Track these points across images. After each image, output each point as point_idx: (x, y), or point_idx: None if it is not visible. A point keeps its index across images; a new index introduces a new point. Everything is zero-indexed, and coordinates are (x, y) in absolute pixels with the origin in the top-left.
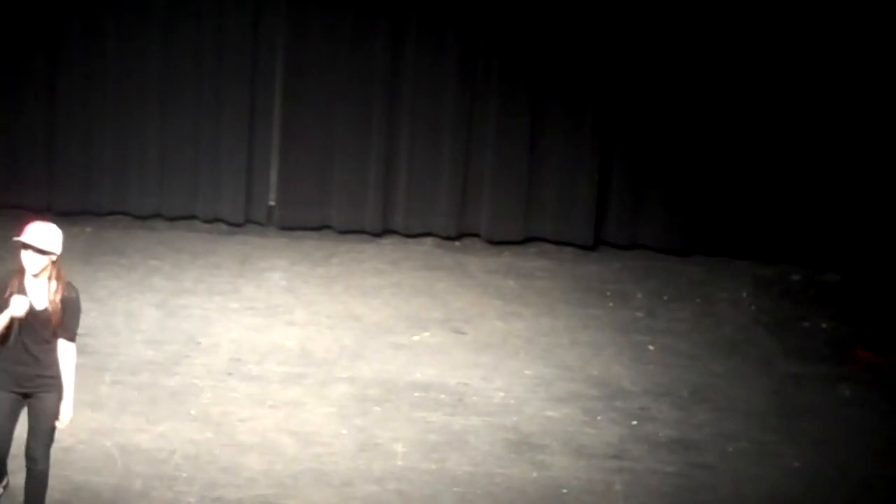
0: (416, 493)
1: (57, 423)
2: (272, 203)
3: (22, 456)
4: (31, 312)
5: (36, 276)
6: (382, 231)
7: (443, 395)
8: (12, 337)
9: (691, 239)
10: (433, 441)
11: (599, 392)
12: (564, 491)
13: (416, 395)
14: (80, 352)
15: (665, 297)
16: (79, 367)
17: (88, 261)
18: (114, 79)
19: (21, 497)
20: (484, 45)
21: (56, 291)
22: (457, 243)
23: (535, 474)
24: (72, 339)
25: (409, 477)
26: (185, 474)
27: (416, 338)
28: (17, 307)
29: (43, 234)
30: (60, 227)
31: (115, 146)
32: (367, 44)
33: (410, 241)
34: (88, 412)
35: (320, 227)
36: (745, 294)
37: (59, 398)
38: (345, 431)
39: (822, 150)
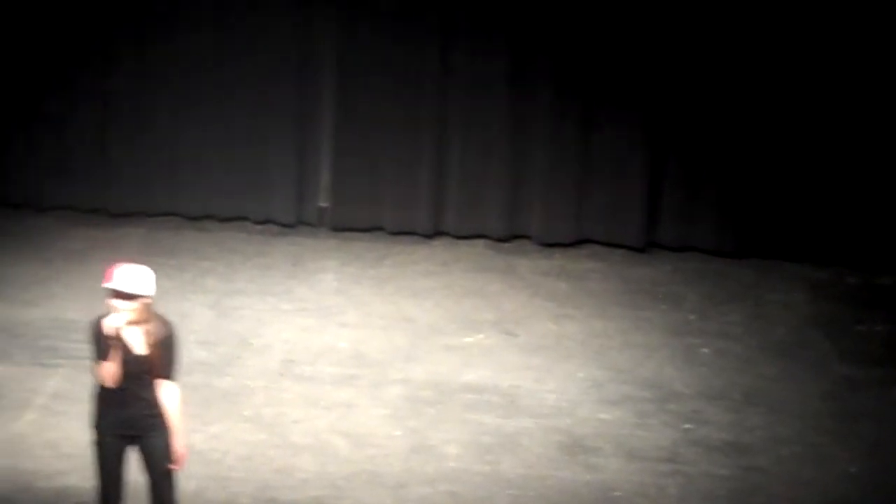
0: (469, 495)
1: (171, 466)
2: (324, 204)
3: None
4: (130, 356)
5: (131, 322)
6: (434, 232)
7: (495, 398)
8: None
9: (744, 241)
10: (486, 443)
11: (652, 395)
12: (617, 494)
13: (468, 396)
14: None
15: (718, 300)
16: None
17: (140, 262)
18: (166, 79)
19: None
20: (535, 45)
21: (150, 333)
22: (508, 245)
23: (587, 477)
24: (169, 377)
25: (462, 479)
26: (238, 475)
27: (468, 339)
28: (110, 326)
29: (131, 278)
30: (113, 228)
31: (167, 147)
32: (417, 44)
33: (462, 242)
34: None
35: (372, 229)
36: (798, 297)
37: (168, 438)
38: (398, 433)
39: (879, 153)
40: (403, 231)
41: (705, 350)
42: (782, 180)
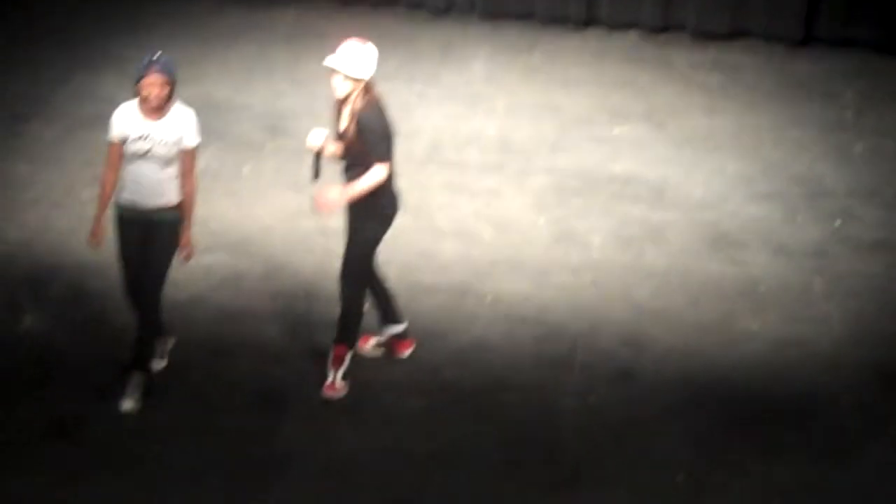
0: (610, 284)
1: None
2: None
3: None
4: (338, 133)
5: (343, 100)
6: (586, 21)
7: (642, 189)
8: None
9: None
10: (630, 234)
11: (802, 190)
12: (761, 288)
13: (614, 187)
14: (282, 133)
15: (876, 97)
16: (280, 149)
17: (291, 44)
18: None
19: None
20: None
21: (355, 114)
22: (662, 36)
23: (731, 270)
24: (379, 157)
25: (605, 268)
26: (382, 257)
27: (616, 131)
28: (312, 139)
29: (348, 57)
30: (266, 10)
31: None
32: None
33: (614, 32)
34: (289, 193)
35: (523, 16)
36: None
37: (364, 221)
38: (542, 221)
39: None
40: (555, 19)
41: (859, 147)
42: None
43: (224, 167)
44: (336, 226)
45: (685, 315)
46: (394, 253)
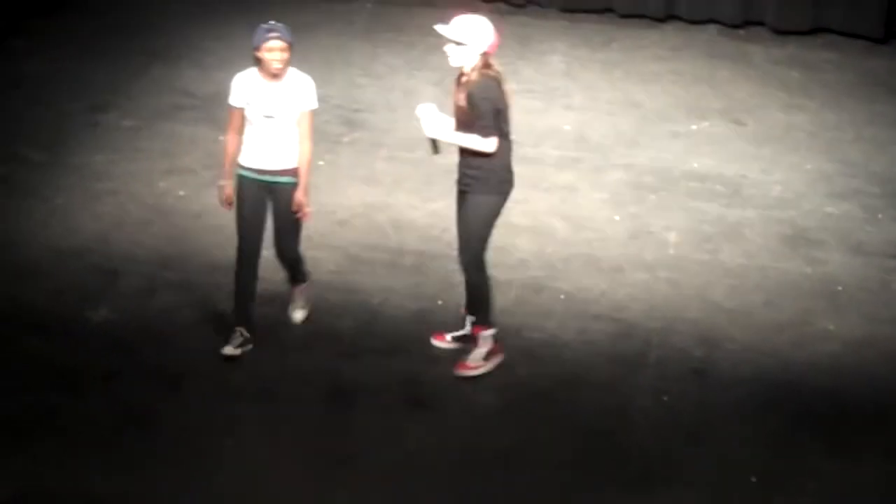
0: (686, 282)
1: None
2: None
3: None
4: (454, 107)
5: (462, 70)
6: (665, 16)
7: (719, 186)
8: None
9: None
10: (707, 231)
11: (882, 189)
12: (839, 288)
13: (691, 184)
14: (359, 126)
15: None
16: (355, 142)
17: (369, 37)
18: None
19: None
20: None
21: (467, 86)
22: (741, 31)
23: (809, 270)
24: (482, 132)
25: (681, 266)
26: (455, 253)
27: (694, 127)
28: (421, 115)
29: (461, 26)
30: (341, 3)
31: None
32: None
33: (693, 27)
34: (364, 186)
35: (602, 11)
36: None
37: (481, 194)
38: (617, 218)
39: None
40: (634, 14)
41: None
42: None
43: None
44: (408, 219)
45: (761, 314)
46: None
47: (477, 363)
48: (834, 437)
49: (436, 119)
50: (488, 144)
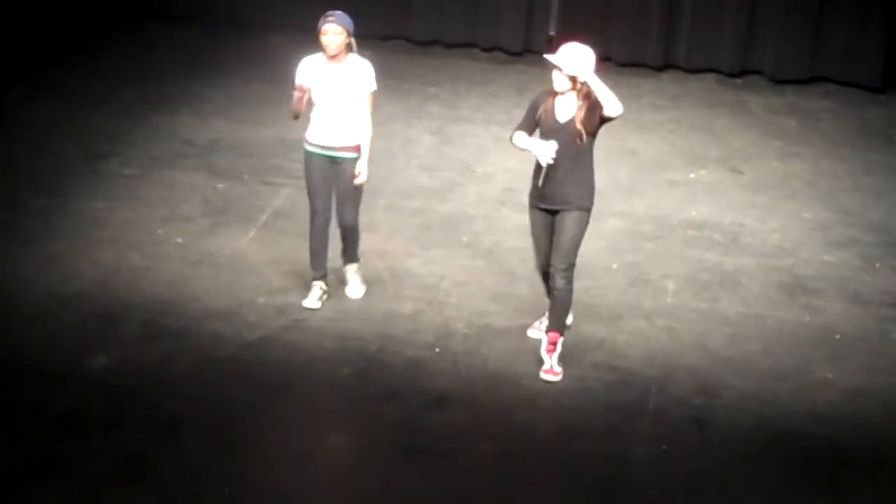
0: (684, 330)
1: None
2: (552, 33)
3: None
4: (555, 126)
5: (562, 94)
6: (663, 65)
7: (717, 235)
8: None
9: None
10: (705, 280)
11: (879, 238)
12: (837, 337)
13: (689, 233)
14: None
15: None
16: None
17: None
18: None
19: None
20: None
21: (580, 109)
22: (739, 80)
23: (807, 318)
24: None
25: (679, 314)
26: (454, 300)
27: (692, 175)
28: (543, 155)
29: (570, 56)
30: None
31: None
32: None
33: (691, 76)
34: (362, 234)
35: (600, 59)
36: None
37: (579, 210)
38: (615, 266)
39: None
40: (632, 63)
41: None
42: None
43: (296, 208)
44: (405, 266)
45: (759, 363)
46: (464, 297)
47: (559, 369)
48: (833, 486)
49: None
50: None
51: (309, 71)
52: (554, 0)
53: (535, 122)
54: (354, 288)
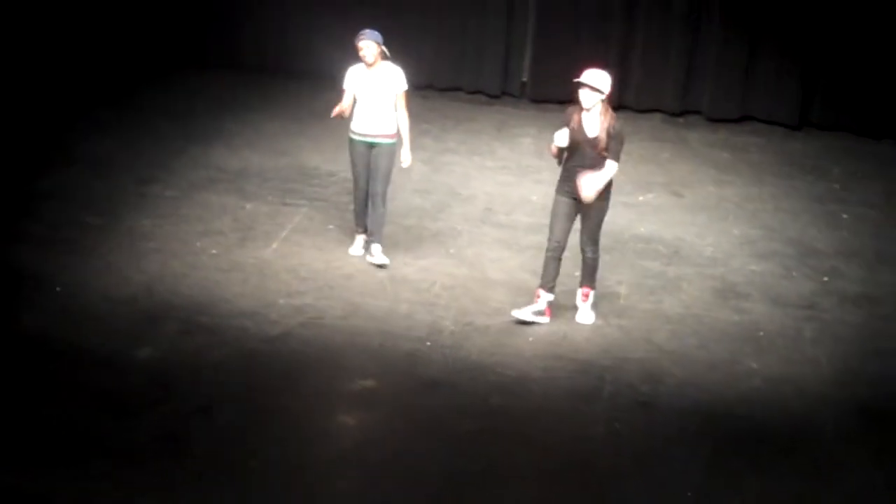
0: (634, 327)
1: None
2: (525, 79)
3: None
4: (585, 138)
5: (589, 110)
6: (617, 106)
7: (661, 247)
8: (566, 157)
9: (885, 123)
10: (651, 285)
11: (796, 251)
12: (761, 334)
13: (638, 246)
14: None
15: (859, 173)
16: None
17: None
18: None
19: None
20: None
21: (604, 122)
22: (680, 119)
23: (736, 318)
24: (615, 158)
25: (629, 314)
26: (443, 302)
27: (641, 198)
28: (560, 138)
29: (596, 77)
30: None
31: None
32: None
33: (641, 115)
34: None
35: (565, 101)
36: None
37: (601, 202)
38: (577, 274)
39: None
40: None
41: (845, 216)
42: None
43: (312, 224)
44: (402, 274)
45: (697, 355)
46: (451, 299)
47: (592, 313)
48: (756, 460)
49: (592, 182)
50: (616, 168)
51: (352, 76)
52: (527, 52)
53: (570, 133)
54: (378, 256)
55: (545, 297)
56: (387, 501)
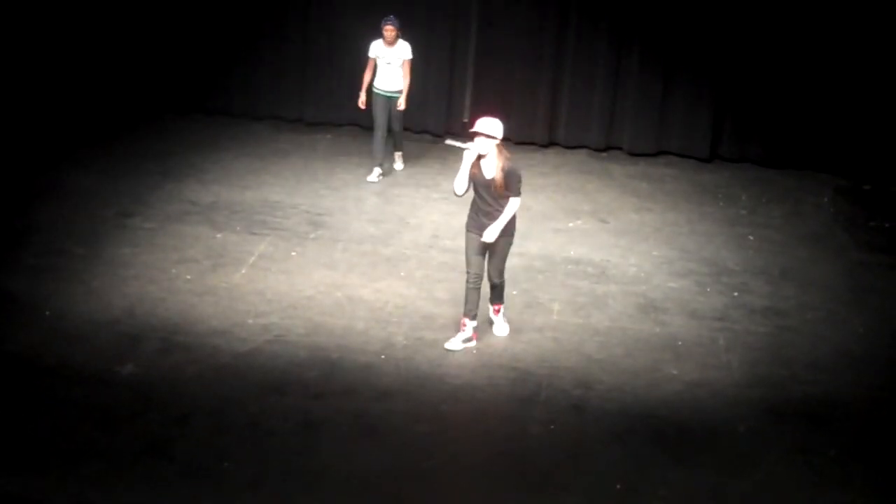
0: (566, 339)
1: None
2: (465, 120)
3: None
4: (484, 181)
5: (485, 156)
6: (548, 143)
7: (589, 268)
8: (474, 194)
9: (786, 155)
10: (581, 302)
11: (710, 270)
12: (679, 343)
13: (569, 267)
14: (321, 226)
15: (764, 200)
16: (318, 238)
17: (328, 159)
18: (350, 19)
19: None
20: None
21: (499, 164)
22: (604, 154)
23: (657, 329)
24: (516, 194)
25: (562, 328)
26: (395, 319)
27: (570, 224)
28: (459, 187)
29: (489, 125)
30: (309, 133)
31: (351, 74)
32: (541, 7)
33: (569, 151)
34: (325, 270)
35: (502, 140)
36: (826, 199)
37: (505, 237)
38: (515, 292)
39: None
40: (525, 141)
41: (752, 237)
42: (818, 108)
43: (277, 251)
44: (358, 295)
45: (623, 363)
46: (403, 316)
47: (506, 324)
48: (678, 455)
49: (492, 231)
50: (518, 204)
51: (375, 49)
52: (466, 96)
53: (470, 178)
54: (399, 163)
55: (470, 325)
56: (344, 494)
